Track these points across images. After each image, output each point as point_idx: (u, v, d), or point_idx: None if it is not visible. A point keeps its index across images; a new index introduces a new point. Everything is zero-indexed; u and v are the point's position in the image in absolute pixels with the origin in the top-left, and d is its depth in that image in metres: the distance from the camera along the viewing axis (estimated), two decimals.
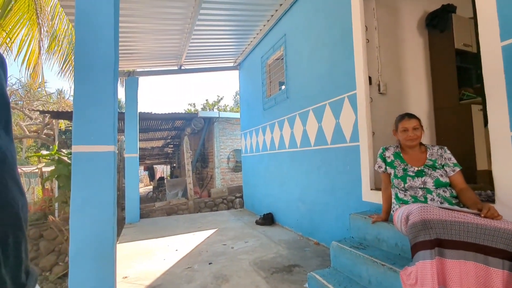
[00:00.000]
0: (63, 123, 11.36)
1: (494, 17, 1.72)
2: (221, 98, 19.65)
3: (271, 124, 4.94)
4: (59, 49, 7.46)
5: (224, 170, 9.47)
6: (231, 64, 6.78)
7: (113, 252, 2.14)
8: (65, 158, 5.81)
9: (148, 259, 3.36)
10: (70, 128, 10.72)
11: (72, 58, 7.18)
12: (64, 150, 6.41)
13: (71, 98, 14.76)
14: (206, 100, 19.68)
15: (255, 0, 4.10)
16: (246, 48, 5.88)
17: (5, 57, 0.49)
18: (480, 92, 2.73)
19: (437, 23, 3.14)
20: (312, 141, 3.70)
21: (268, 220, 4.72)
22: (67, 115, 8.18)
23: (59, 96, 15.17)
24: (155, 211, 6.51)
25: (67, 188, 5.51)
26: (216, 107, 19.06)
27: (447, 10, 3.11)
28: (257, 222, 4.81)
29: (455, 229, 1.37)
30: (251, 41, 5.56)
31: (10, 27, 5.83)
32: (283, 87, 4.76)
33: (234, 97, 24.20)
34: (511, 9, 1.65)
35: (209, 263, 3.08)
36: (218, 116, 9.45)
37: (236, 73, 6.96)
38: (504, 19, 1.68)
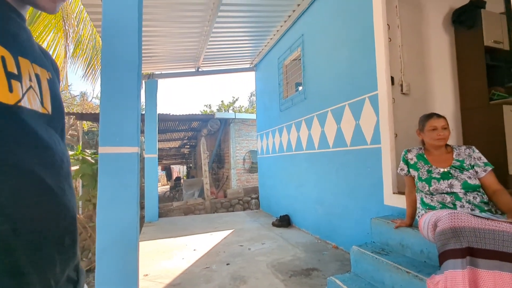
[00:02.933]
0: (86, 124, 11.80)
1: None
2: (236, 99, 19.78)
3: (288, 125, 4.91)
4: (83, 53, 7.76)
5: (240, 171, 9.51)
6: (248, 66, 6.80)
7: (136, 249, 2.19)
8: (89, 158, 6.03)
9: (168, 257, 3.42)
10: (93, 129, 11.12)
11: (95, 62, 7.46)
12: (87, 150, 6.65)
13: (94, 100, 15.33)
14: (222, 101, 19.82)
15: (272, 1, 4.09)
16: (262, 49, 5.88)
17: None
18: None
19: (465, 20, 3.01)
20: (330, 142, 3.64)
21: (284, 222, 4.69)
22: (90, 117, 8.49)
23: (82, 99, 15.79)
24: (173, 210, 6.63)
25: (91, 187, 5.72)
26: (231, 108, 19.19)
27: (476, 6, 2.97)
28: (273, 224, 4.79)
29: (488, 238, 1.30)
30: (268, 42, 5.55)
31: (38, 32, 6.11)
32: (300, 88, 4.72)
33: (249, 98, 24.28)
34: None
35: (227, 264, 3.09)
36: (234, 117, 9.51)
37: (251, 74, 6.98)
38: None
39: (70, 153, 6.88)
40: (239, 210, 7.12)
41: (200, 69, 6.41)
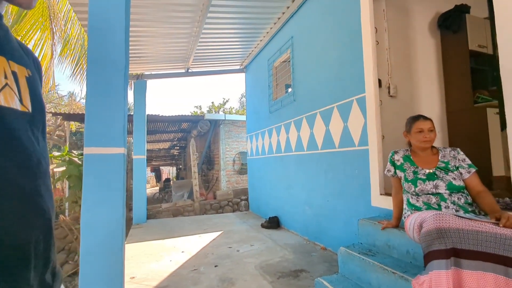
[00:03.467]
0: (73, 125, 11.56)
1: None
2: (227, 101, 19.75)
3: (278, 127, 4.92)
4: (71, 53, 7.61)
5: (230, 172, 9.47)
6: (238, 67, 6.79)
7: (122, 252, 2.15)
8: (76, 159, 5.90)
9: (155, 260, 3.36)
10: (81, 130, 10.91)
11: (83, 61, 7.32)
12: (74, 151, 6.51)
13: (82, 101, 15.04)
14: (212, 102, 19.77)
15: (262, 3, 4.10)
16: (252, 51, 5.88)
17: None
18: (496, 94, 2.66)
19: (450, 24, 3.08)
20: (319, 144, 3.66)
21: (273, 223, 4.68)
22: (78, 117, 8.32)
23: (70, 99, 15.47)
24: (162, 212, 6.54)
25: (77, 188, 5.60)
26: (221, 109, 19.14)
27: (461, 10, 3.04)
28: (262, 225, 4.78)
29: (472, 239, 1.32)
30: (258, 44, 5.56)
31: (25, 32, 5.97)
32: (289, 89, 4.73)
33: (240, 100, 24.26)
34: None
35: (215, 266, 3.06)
36: (224, 118, 9.48)
37: (241, 75, 6.98)
38: None
39: (57, 154, 6.72)
40: (229, 211, 7.08)
41: (190, 70, 6.36)
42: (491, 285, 1.24)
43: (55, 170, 8.27)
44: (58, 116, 10.30)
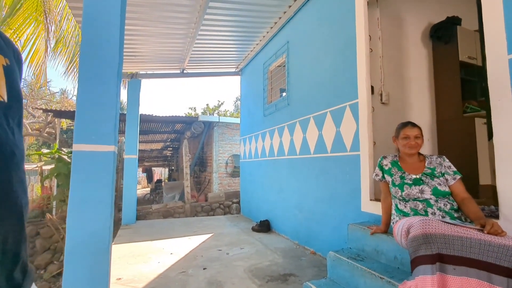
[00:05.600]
0: (65, 122, 11.39)
1: (502, 29, 1.72)
2: (222, 103, 19.68)
3: (271, 131, 4.93)
4: (65, 49, 7.53)
5: (222, 175, 9.44)
6: (233, 70, 6.80)
7: (108, 252, 2.11)
8: (65, 157, 5.80)
9: (143, 261, 3.31)
10: (72, 127, 10.75)
11: (77, 59, 7.25)
12: (64, 149, 6.41)
13: (74, 98, 14.84)
14: (207, 104, 19.69)
15: (259, 7, 4.13)
16: (248, 54, 5.90)
17: None
18: (484, 105, 2.72)
19: (442, 35, 3.15)
20: (312, 149, 3.68)
21: (264, 227, 4.67)
22: (69, 114, 8.21)
23: (62, 96, 15.26)
24: (152, 213, 6.46)
25: (66, 187, 5.49)
26: (216, 112, 19.09)
27: (452, 22, 3.12)
28: (253, 229, 4.76)
29: (457, 244, 1.34)
30: (254, 48, 5.59)
31: (18, 25, 5.89)
32: (284, 94, 4.76)
33: (235, 103, 24.26)
34: None
35: (204, 268, 3.03)
36: (218, 120, 9.47)
37: (237, 78, 6.99)
38: None
39: (46, 151, 6.60)
40: (220, 214, 7.04)
41: (185, 71, 6.35)
42: None
43: (43, 168, 8.13)
44: (49, 113, 10.13)
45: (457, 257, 1.33)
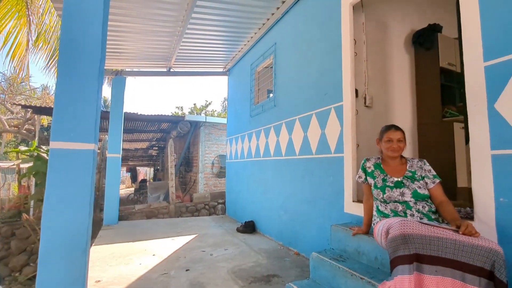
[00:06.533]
0: (45, 119, 11.00)
1: (478, 38, 1.78)
2: (209, 103, 19.56)
3: (257, 131, 4.93)
4: (46, 44, 7.30)
5: (208, 175, 9.36)
6: (221, 70, 6.77)
7: (86, 254, 2.05)
8: (44, 155, 5.61)
9: (124, 263, 3.23)
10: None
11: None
12: (43, 147, 6.19)
13: (54, 93, 14.36)
14: (194, 104, 19.46)
15: (247, 8, 4.12)
16: (236, 54, 5.89)
17: None
18: (462, 110, 2.81)
19: (423, 41, 3.24)
20: (297, 150, 3.70)
21: (249, 228, 4.66)
22: (50, 111, 7.94)
23: (43, 92, 14.74)
24: (135, 213, 6.33)
25: (44, 186, 5.30)
26: (203, 111, 18.94)
27: (433, 29, 3.22)
28: (238, 230, 4.74)
29: (433, 245, 1.38)
30: (242, 48, 5.58)
31: None
32: (271, 95, 4.77)
33: (222, 103, 24.15)
34: (494, 31, 1.72)
35: (186, 270, 2.99)
36: (204, 120, 9.39)
37: (225, 78, 6.96)
38: (488, 40, 1.74)
39: (24, 149, 6.35)
40: (205, 215, 6.98)
41: (172, 70, 6.26)
42: None
43: (21, 166, 7.82)
44: (28, 109, 9.77)
45: (433, 257, 1.37)
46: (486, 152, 1.70)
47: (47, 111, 8.12)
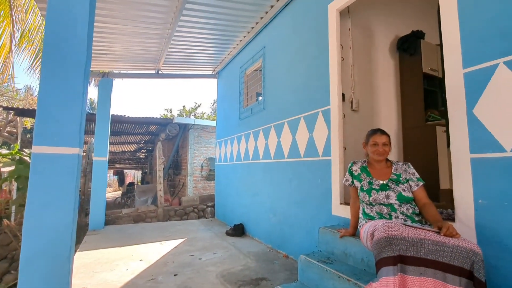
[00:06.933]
0: (29, 121, 10.68)
1: (458, 45, 1.85)
2: (199, 105, 19.40)
3: (247, 134, 4.94)
4: (30, 44, 7.13)
5: (197, 178, 9.30)
6: (210, 72, 6.75)
7: (70, 261, 2.00)
8: (27, 159, 5.45)
9: (110, 269, 3.17)
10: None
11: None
12: (26, 150, 6.01)
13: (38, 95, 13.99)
14: (183, 106, 19.23)
15: (236, 11, 4.14)
16: (225, 57, 5.89)
17: None
18: (444, 114, 2.91)
19: (407, 47, 3.34)
20: (285, 153, 3.73)
21: (238, 231, 4.65)
22: (33, 113, 7.73)
23: (26, 93, 14.33)
24: (122, 218, 6.21)
25: (27, 191, 5.15)
26: (193, 114, 18.79)
27: (417, 36, 3.32)
28: (227, 233, 4.72)
29: (416, 246, 1.42)
30: (231, 51, 5.59)
31: None
32: (260, 98, 4.80)
33: (212, 105, 24.04)
34: (473, 40, 1.79)
35: (174, 275, 2.95)
36: (193, 123, 9.33)
37: (214, 81, 6.95)
38: (467, 48, 1.81)
39: (5, 152, 6.15)
40: (194, 218, 6.92)
41: (160, 72, 6.20)
42: None
43: (2, 169, 7.56)
44: (10, 111, 9.47)
45: (416, 258, 1.41)
46: (466, 155, 1.77)
47: (30, 113, 7.90)
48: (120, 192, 15.78)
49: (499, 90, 1.63)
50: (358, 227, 2.11)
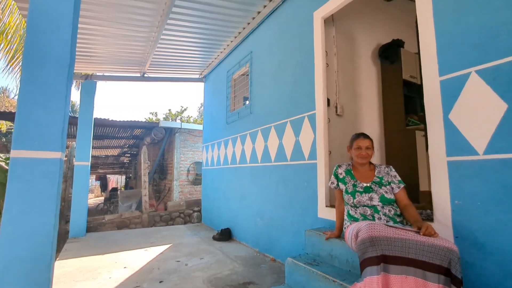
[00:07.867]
0: (4, 124, 10.25)
1: (434, 54, 1.95)
2: (185, 109, 19.24)
3: (234, 138, 4.95)
4: (6, 44, 6.87)
5: (183, 182, 9.18)
6: (197, 76, 6.74)
7: (50, 271, 1.92)
8: (3, 164, 5.21)
9: (92, 277, 3.07)
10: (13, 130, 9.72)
11: (21, 55, 6.63)
12: (2, 155, 5.75)
13: (17, 98, 13.47)
14: (169, 110, 18.98)
15: (224, 16, 4.17)
16: (212, 61, 5.90)
17: None
18: (423, 119, 3.03)
19: (388, 55, 3.47)
20: (272, 157, 3.77)
21: (225, 235, 4.63)
22: (9, 116, 7.43)
23: (2, 95, 13.76)
24: (105, 224, 6.04)
25: (3, 198, 4.91)
26: (179, 117, 18.59)
27: (397, 44, 3.46)
28: (214, 238, 4.69)
29: (398, 246, 1.47)
30: (218, 55, 5.61)
31: None
32: (247, 102, 4.83)
33: (199, 109, 23.88)
34: (448, 49, 1.89)
35: (160, 282, 2.90)
36: (180, 127, 9.24)
37: (201, 85, 6.94)
38: (442, 56, 1.92)
39: None
40: (180, 223, 6.82)
41: (146, 75, 6.13)
42: (412, 287, 1.38)
43: None
44: None
45: (398, 257, 1.46)
46: (443, 158, 1.86)
47: (5, 115, 7.58)
48: (102, 198, 15.33)
49: (472, 96, 1.73)
50: (343, 229, 2.16)
